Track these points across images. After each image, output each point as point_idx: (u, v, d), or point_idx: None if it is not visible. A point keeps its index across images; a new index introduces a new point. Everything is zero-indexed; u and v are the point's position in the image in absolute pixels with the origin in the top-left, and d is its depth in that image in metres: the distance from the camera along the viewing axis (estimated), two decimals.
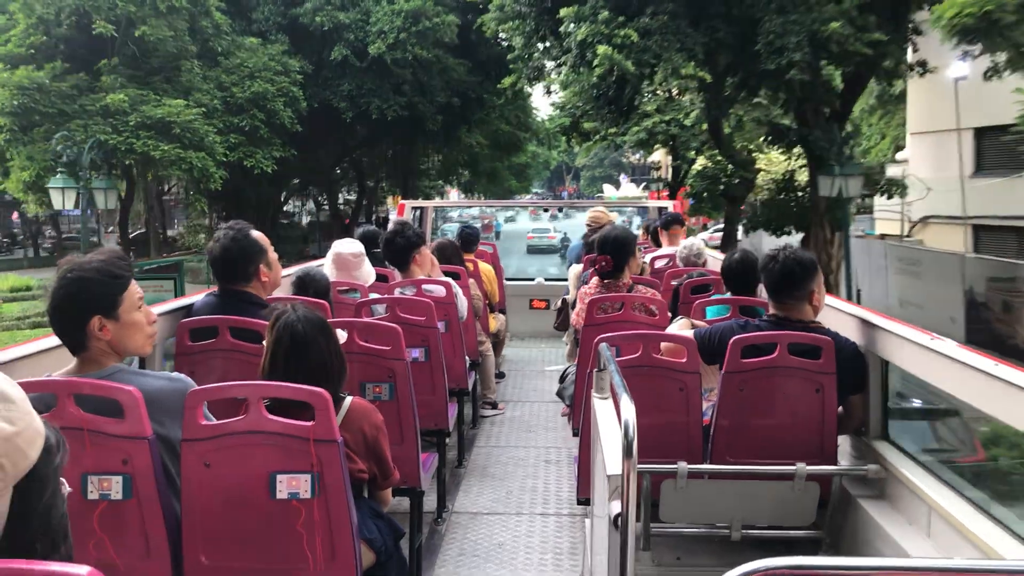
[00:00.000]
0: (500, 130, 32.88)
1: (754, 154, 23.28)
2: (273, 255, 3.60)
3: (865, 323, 3.38)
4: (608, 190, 71.41)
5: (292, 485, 2.34)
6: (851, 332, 3.43)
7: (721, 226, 39.14)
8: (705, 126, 22.69)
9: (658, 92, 23.08)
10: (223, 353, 3.37)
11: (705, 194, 21.26)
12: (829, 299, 3.67)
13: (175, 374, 2.58)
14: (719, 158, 20.91)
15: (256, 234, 3.57)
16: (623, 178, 78.80)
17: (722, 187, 20.47)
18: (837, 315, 3.60)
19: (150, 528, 2.38)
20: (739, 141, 23.07)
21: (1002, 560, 2.31)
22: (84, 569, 1.10)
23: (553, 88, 22.16)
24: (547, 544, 4.29)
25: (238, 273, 3.50)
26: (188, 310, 3.64)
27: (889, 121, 29.84)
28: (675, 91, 24.15)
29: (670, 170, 30.91)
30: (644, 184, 78.83)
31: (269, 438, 2.36)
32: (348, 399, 2.69)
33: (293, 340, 2.59)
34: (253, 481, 2.37)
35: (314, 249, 33.44)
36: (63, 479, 1.35)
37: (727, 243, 19.89)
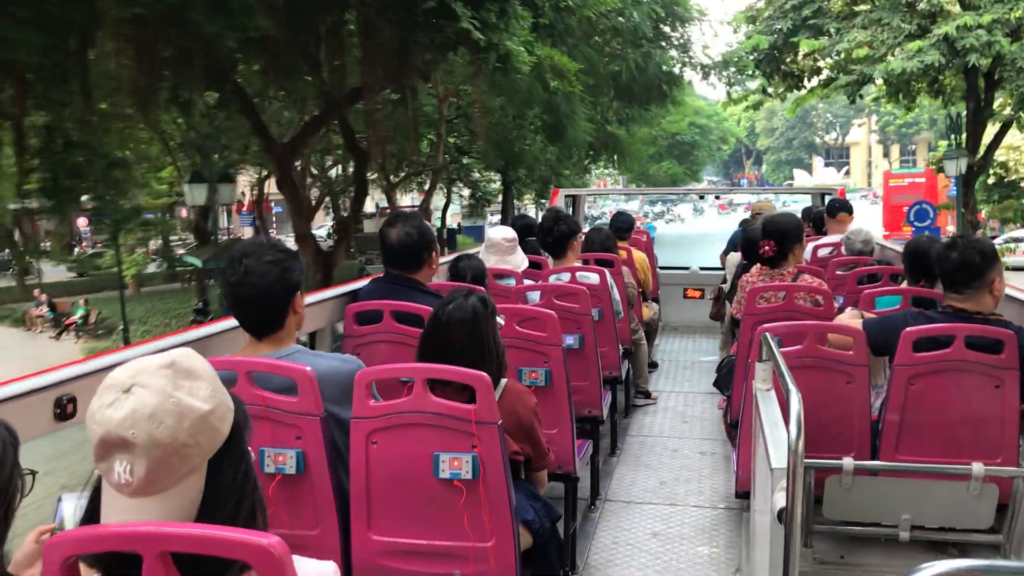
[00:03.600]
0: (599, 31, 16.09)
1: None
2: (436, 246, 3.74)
3: None
4: (800, 177, 61.37)
5: (454, 465, 2.40)
6: None
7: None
8: None
9: None
10: (387, 337, 3.49)
11: None
12: (1013, 291, 3.44)
13: (347, 355, 2.70)
14: None
15: (428, 224, 3.72)
16: (818, 161, 68.73)
17: None
18: (1020, 306, 3.36)
19: (320, 502, 2.50)
20: None
21: None
22: (273, 538, 1.17)
23: None
24: (703, 536, 4.23)
25: (412, 261, 3.63)
26: (355, 295, 3.79)
27: None
28: None
29: (958, 135, 18.02)
30: (845, 169, 68.26)
31: (432, 418, 2.43)
32: (504, 381, 2.75)
33: (451, 322, 2.68)
34: (417, 460, 2.44)
35: None
36: (249, 449, 1.44)
37: None
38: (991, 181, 14.76)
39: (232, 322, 2.80)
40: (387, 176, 24.02)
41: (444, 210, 32.10)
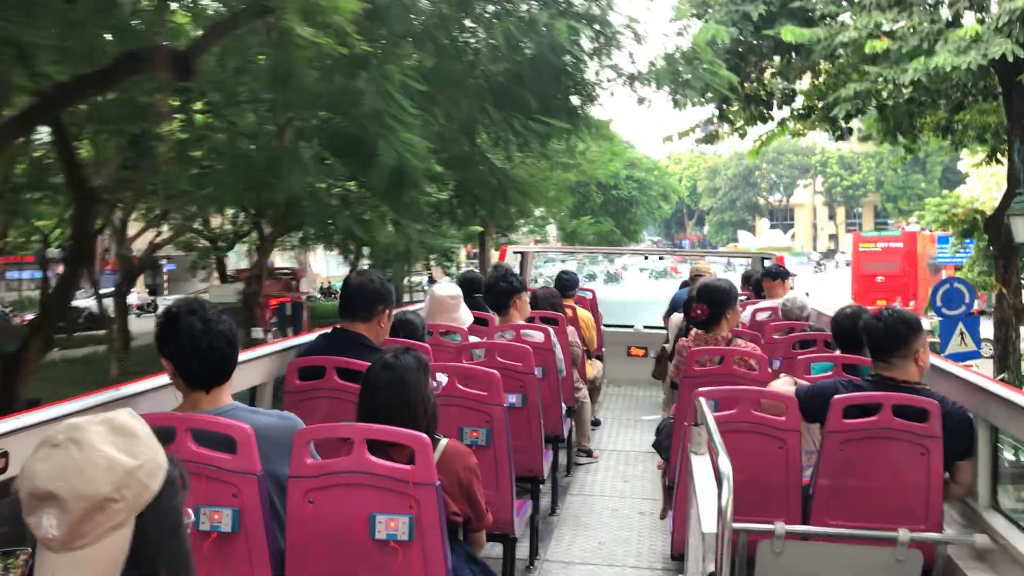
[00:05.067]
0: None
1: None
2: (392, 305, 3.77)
3: (974, 387, 3.27)
4: (745, 238, 60.02)
5: (390, 526, 2.40)
6: (959, 395, 3.33)
7: None
8: None
9: None
10: (329, 393, 3.49)
11: None
12: (937, 361, 3.58)
13: (285, 412, 2.70)
14: None
15: (390, 283, 3.78)
16: (764, 223, 68.34)
17: None
18: (945, 378, 3.50)
19: (255, 561, 2.47)
20: None
21: None
22: None
23: None
24: None
25: (362, 311, 3.65)
26: (300, 349, 3.79)
27: None
28: None
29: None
30: (791, 232, 66.25)
31: (370, 478, 2.44)
32: (443, 441, 2.76)
33: (378, 381, 2.70)
34: (354, 520, 2.44)
35: None
36: (189, 510, 1.45)
37: None
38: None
39: (157, 381, 2.80)
40: (260, 230, 19.02)
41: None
